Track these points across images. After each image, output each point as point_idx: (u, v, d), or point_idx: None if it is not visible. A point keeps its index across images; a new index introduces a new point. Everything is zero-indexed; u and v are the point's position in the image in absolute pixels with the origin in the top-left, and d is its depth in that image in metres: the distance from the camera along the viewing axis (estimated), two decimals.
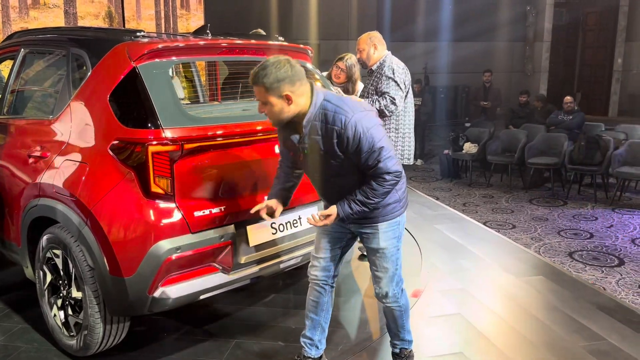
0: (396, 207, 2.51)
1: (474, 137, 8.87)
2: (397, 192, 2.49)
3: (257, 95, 2.31)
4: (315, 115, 2.31)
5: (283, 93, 2.26)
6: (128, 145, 2.49)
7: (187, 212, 2.57)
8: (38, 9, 8.33)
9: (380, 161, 2.29)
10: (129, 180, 2.48)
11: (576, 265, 5.18)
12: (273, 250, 2.93)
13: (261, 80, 2.25)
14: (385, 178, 2.32)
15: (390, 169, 2.31)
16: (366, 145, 2.27)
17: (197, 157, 2.59)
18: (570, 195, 7.72)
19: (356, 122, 2.26)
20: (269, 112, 2.33)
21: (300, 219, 3.09)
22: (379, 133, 2.31)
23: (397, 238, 2.56)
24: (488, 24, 13.31)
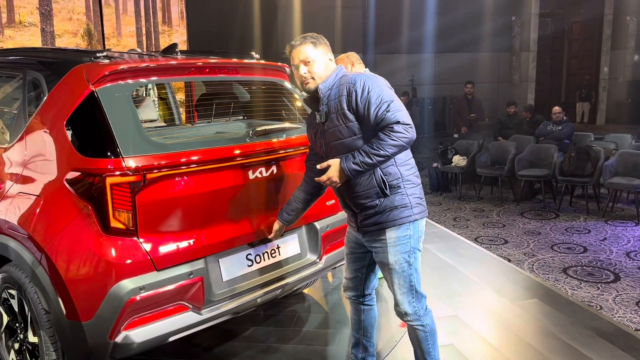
0: (404, 213, 2.39)
1: (463, 149, 8.75)
2: (406, 196, 2.39)
3: (302, 54, 2.39)
4: (334, 84, 2.38)
5: (328, 52, 2.44)
6: (85, 177, 2.27)
7: (151, 248, 2.35)
8: (13, 28, 8.11)
9: (389, 111, 2.23)
10: (85, 215, 2.26)
11: (571, 282, 5.01)
12: (249, 284, 2.72)
13: (309, 39, 2.41)
14: (393, 128, 2.22)
15: (399, 118, 2.22)
16: (374, 97, 2.24)
17: (161, 187, 2.38)
18: (562, 207, 7.58)
19: (365, 79, 2.31)
20: (313, 69, 2.38)
21: (279, 248, 2.88)
22: (389, 92, 2.29)
23: (408, 253, 2.41)
24: (474, 35, 13.29)
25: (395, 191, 2.38)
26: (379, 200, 2.38)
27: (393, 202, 2.38)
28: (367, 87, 2.27)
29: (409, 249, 2.42)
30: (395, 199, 2.38)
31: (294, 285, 2.98)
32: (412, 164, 2.45)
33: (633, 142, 8.31)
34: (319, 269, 3.05)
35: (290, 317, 3.58)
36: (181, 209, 2.45)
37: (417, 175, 2.47)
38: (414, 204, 2.41)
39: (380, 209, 2.39)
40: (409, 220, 2.40)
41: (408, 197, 2.40)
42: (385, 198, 2.38)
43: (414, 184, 2.43)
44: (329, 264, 3.13)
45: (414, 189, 2.42)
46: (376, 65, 12.74)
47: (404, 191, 2.39)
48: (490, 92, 12.98)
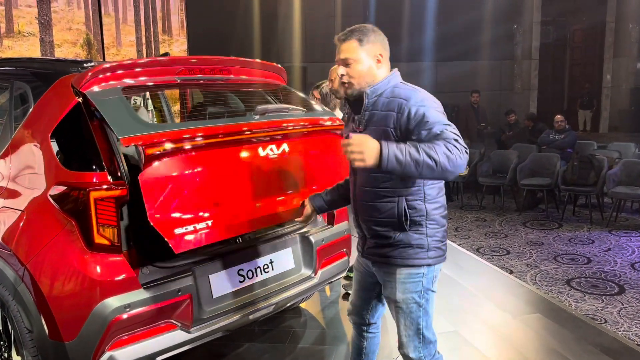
0: (418, 254, 2.11)
1: None
2: (425, 237, 2.11)
3: (343, 53, 2.11)
4: (384, 91, 2.10)
5: (377, 52, 2.12)
6: (68, 191, 2.20)
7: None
8: (12, 38, 8.09)
9: (447, 131, 1.92)
10: (69, 231, 2.18)
11: (575, 295, 4.90)
12: (241, 300, 2.63)
13: (356, 35, 2.10)
14: (451, 141, 1.89)
15: (458, 138, 1.92)
16: (432, 119, 1.94)
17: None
18: (565, 217, 7.49)
19: (423, 99, 2.01)
20: (352, 73, 2.10)
21: (272, 263, 2.80)
22: (446, 119, 1.99)
23: (418, 293, 2.15)
24: (475, 42, 13.24)
25: (414, 229, 2.11)
26: (395, 233, 2.12)
27: (409, 240, 2.11)
28: (425, 105, 1.98)
29: (420, 288, 2.15)
30: (412, 236, 2.11)
31: (289, 301, 2.90)
32: (441, 203, 2.16)
33: (637, 150, 8.22)
34: (314, 284, 2.96)
35: (286, 333, 3.48)
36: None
37: (445, 215, 2.18)
38: (432, 246, 2.13)
39: (394, 242, 2.13)
40: (421, 263, 2.13)
41: (427, 239, 2.12)
42: (402, 233, 2.11)
43: (438, 226, 2.14)
44: (325, 279, 3.04)
45: (436, 230, 2.14)
46: None
47: (424, 231, 2.11)
48: (492, 100, 12.90)
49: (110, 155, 2.25)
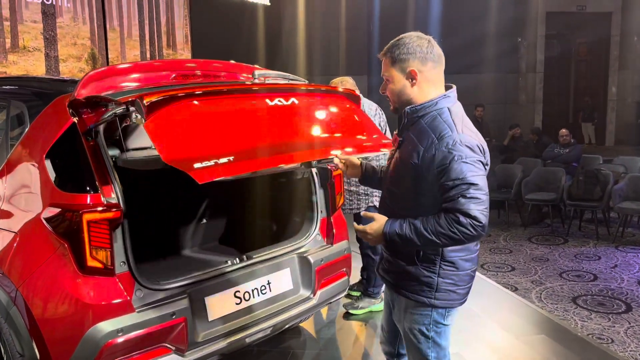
0: (423, 292, 1.97)
1: None
2: (436, 277, 1.95)
3: (382, 70, 2.01)
4: (426, 113, 1.94)
5: (409, 68, 1.94)
6: (61, 213, 2.17)
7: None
8: (17, 53, 8.13)
9: (464, 197, 1.78)
10: (61, 254, 2.15)
11: (581, 313, 4.82)
12: (237, 323, 2.58)
13: (389, 50, 1.97)
14: (458, 219, 1.78)
15: (471, 211, 1.77)
16: (454, 174, 1.80)
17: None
18: (571, 232, 7.40)
19: (455, 145, 1.83)
20: (388, 91, 2.02)
21: (270, 284, 2.75)
22: (478, 170, 1.82)
23: (426, 326, 2.01)
24: (480, 56, 13.23)
25: (426, 265, 1.97)
26: (405, 264, 2.00)
27: (417, 275, 1.97)
28: (452, 155, 1.81)
29: (428, 322, 2.01)
30: (422, 272, 1.97)
31: (287, 323, 2.85)
32: (464, 247, 1.95)
33: None
34: (312, 305, 2.91)
35: (285, 354, 3.42)
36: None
37: (468, 259, 1.99)
38: (441, 288, 1.96)
39: (403, 271, 2.01)
40: (424, 302, 1.98)
41: (437, 279, 1.96)
42: (413, 266, 1.98)
43: (455, 269, 1.96)
44: (324, 300, 2.99)
45: (452, 273, 1.96)
46: None
47: (436, 270, 1.96)
48: (497, 114, 12.86)
49: (104, 176, 2.22)
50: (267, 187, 3.35)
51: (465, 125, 1.93)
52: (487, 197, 1.84)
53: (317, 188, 3.04)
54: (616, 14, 13.97)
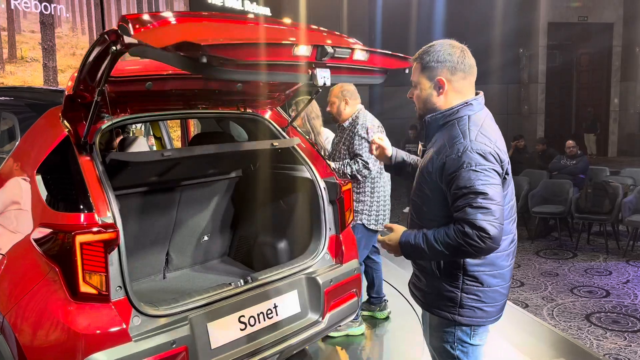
0: (449, 308, 1.89)
1: None
2: (459, 292, 1.87)
3: (412, 74, 1.98)
4: (445, 120, 1.89)
5: (437, 77, 1.89)
6: (52, 234, 2.00)
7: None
8: (15, 63, 8.00)
9: (471, 207, 1.71)
10: (51, 279, 1.98)
11: (595, 332, 4.64)
12: (242, 350, 2.40)
13: (420, 56, 1.93)
14: (464, 230, 1.71)
15: (477, 222, 1.69)
16: (462, 182, 1.74)
17: None
18: (580, 246, 7.22)
19: (467, 148, 1.77)
20: (415, 98, 1.96)
21: (276, 307, 2.58)
22: (488, 179, 1.73)
23: (450, 344, 1.94)
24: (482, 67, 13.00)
25: (448, 280, 1.89)
26: (428, 278, 1.95)
27: (440, 290, 1.90)
28: (462, 163, 1.75)
29: (452, 340, 1.93)
30: (444, 287, 1.90)
31: (294, 349, 2.66)
32: (489, 260, 1.86)
33: None
34: (321, 329, 2.73)
35: None
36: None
37: (495, 275, 1.89)
38: (465, 304, 1.87)
39: (426, 286, 1.96)
40: (448, 317, 1.90)
41: (460, 294, 1.87)
42: (436, 280, 1.92)
43: (479, 284, 1.87)
44: (333, 323, 2.81)
45: (477, 289, 1.87)
46: (384, 98, 12.56)
47: (459, 285, 1.88)
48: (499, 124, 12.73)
49: (99, 193, 2.06)
50: (273, 203, 3.19)
51: (483, 132, 1.84)
52: (500, 208, 1.73)
53: (326, 204, 2.88)
54: (618, 24, 13.95)
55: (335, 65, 2.16)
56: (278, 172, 3.08)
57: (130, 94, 2.31)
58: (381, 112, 12.98)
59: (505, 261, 1.91)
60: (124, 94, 2.27)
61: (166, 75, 2.30)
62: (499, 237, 1.72)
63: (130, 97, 2.35)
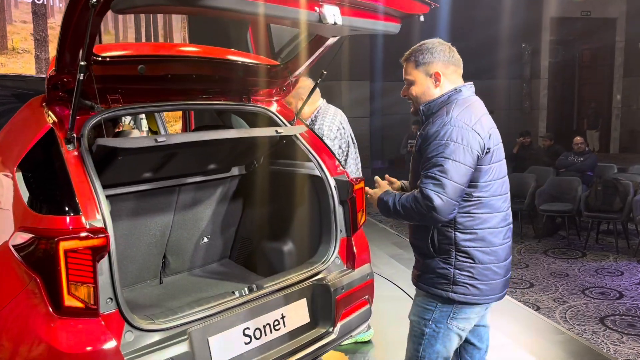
0: (443, 285, 2.00)
1: None
2: (452, 269, 1.99)
3: (405, 73, 2.11)
4: (438, 107, 2.04)
5: (432, 70, 2.05)
6: (34, 240, 1.76)
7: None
8: (5, 55, 7.73)
9: (427, 176, 1.89)
10: (32, 291, 1.74)
11: (611, 336, 4.44)
12: None
13: (413, 56, 2.08)
14: (416, 195, 1.91)
15: (426, 190, 1.87)
16: (429, 152, 1.93)
17: None
18: (588, 245, 7.03)
19: (446, 124, 1.94)
20: (410, 94, 2.10)
21: (284, 318, 2.35)
22: (453, 154, 1.88)
23: (425, 321, 2.06)
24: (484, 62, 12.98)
25: (442, 257, 2.01)
26: (424, 258, 2.07)
27: (434, 267, 2.02)
28: (437, 135, 1.92)
29: (429, 317, 2.05)
30: (438, 264, 2.01)
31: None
32: (479, 235, 1.98)
33: None
34: (332, 340, 2.51)
35: None
36: None
37: (487, 252, 1.99)
38: (458, 281, 1.98)
39: (422, 266, 2.08)
40: (441, 295, 2.01)
41: (454, 270, 1.98)
42: (431, 259, 2.03)
43: (472, 261, 1.98)
44: (344, 333, 2.59)
45: (469, 266, 1.98)
46: (385, 93, 12.38)
47: (452, 262, 1.98)
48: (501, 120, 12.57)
49: (88, 194, 1.82)
50: (278, 202, 2.95)
51: (468, 110, 1.98)
52: (453, 184, 1.86)
53: (336, 204, 2.64)
54: (621, 20, 13.83)
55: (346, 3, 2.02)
56: (284, 169, 2.85)
57: (121, 79, 2.07)
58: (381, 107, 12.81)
59: (497, 238, 2.01)
60: (113, 79, 2.04)
61: (160, 57, 2.07)
62: (444, 210, 1.85)
63: (121, 83, 2.11)
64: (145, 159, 2.29)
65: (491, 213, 1.99)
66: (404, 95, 2.14)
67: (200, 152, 2.51)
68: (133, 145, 2.01)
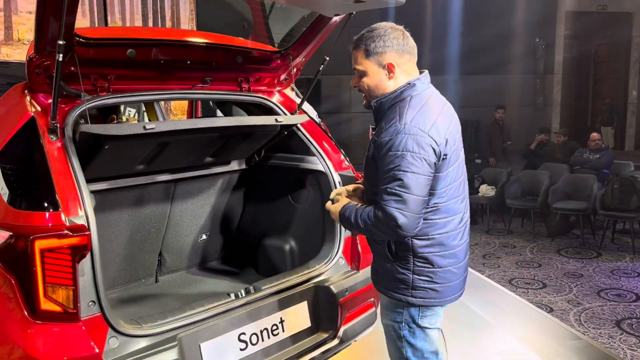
0: (399, 290, 1.94)
1: (490, 178, 8.08)
2: (410, 274, 1.91)
3: (354, 62, 1.92)
4: (391, 103, 1.88)
5: (385, 61, 1.87)
6: (10, 238, 1.62)
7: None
8: (11, 46, 7.65)
9: (387, 192, 1.76)
10: (6, 294, 1.61)
11: (628, 340, 4.26)
12: None
13: (363, 43, 1.88)
14: (377, 214, 1.79)
15: (388, 208, 1.74)
16: (386, 164, 1.77)
17: None
18: (604, 245, 6.83)
19: (400, 132, 1.78)
20: (361, 85, 1.93)
21: (283, 322, 2.20)
22: (410, 166, 1.74)
23: (399, 324, 2.00)
24: (496, 57, 12.78)
25: (400, 263, 1.93)
26: (383, 261, 1.98)
27: (393, 272, 1.95)
28: (391, 145, 1.77)
29: (400, 319, 1.99)
30: (397, 269, 1.93)
31: None
32: (437, 241, 1.90)
33: None
34: (335, 345, 2.36)
35: None
36: None
37: (446, 255, 1.92)
38: (417, 285, 1.91)
39: (382, 269, 2.00)
40: (401, 299, 1.95)
41: (412, 276, 1.91)
42: (390, 263, 1.95)
43: (431, 266, 1.91)
44: (349, 337, 2.44)
45: (428, 270, 1.91)
46: None
47: (410, 267, 1.90)
48: (513, 116, 12.38)
49: (69, 188, 1.68)
50: (280, 198, 2.80)
51: (422, 113, 1.83)
52: (415, 198, 1.75)
53: None
54: (637, 14, 13.58)
55: None
56: (286, 163, 2.70)
57: (110, 64, 1.93)
58: None
59: (455, 240, 1.94)
60: (101, 64, 1.90)
61: (151, 41, 1.92)
62: (409, 226, 1.75)
63: (110, 69, 1.97)
64: (136, 149, 2.16)
65: (448, 217, 1.91)
66: (355, 86, 1.98)
67: (195, 142, 2.36)
68: (120, 132, 1.86)
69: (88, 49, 1.84)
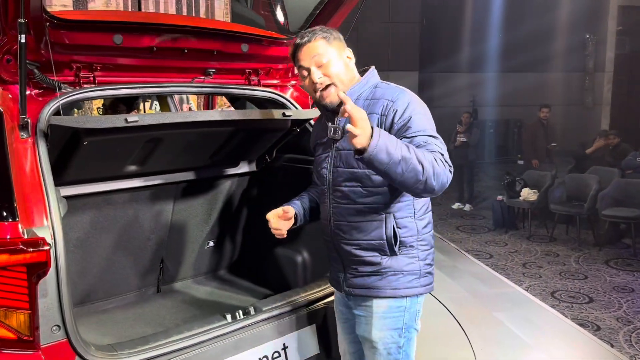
0: (412, 282, 1.86)
1: (533, 181, 7.64)
2: (417, 261, 1.86)
3: (312, 53, 1.82)
4: (362, 92, 1.87)
5: (345, 50, 1.91)
6: None
7: None
8: None
9: (432, 144, 1.70)
10: None
11: None
12: None
13: (320, 33, 1.85)
14: (436, 155, 1.67)
15: (445, 154, 1.71)
16: (417, 123, 1.74)
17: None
18: None
19: (411, 101, 1.79)
20: (329, 72, 1.82)
21: (286, 349, 1.94)
22: (433, 128, 1.78)
23: (398, 331, 1.87)
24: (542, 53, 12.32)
25: (405, 251, 1.85)
26: (382, 259, 1.85)
27: (400, 265, 1.84)
28: (413, 108, 1.77)
29: (401, 325, 1.87)
30: (403, 261, 1.84)
31: None
32: (429, 219, 1.93)
33: None
34: None
35: None
36: None
37: (433, 235, 1.96)
38: (424, 272, 1.88)
39: (382, 269, 1.85)
40: (412, 293, 1.87)
41: (419, 262, 1.86)
42: (392, 258, 1.84)
43: (428, 246, 1.91)
44: None
45: (427, 252, 1.90)
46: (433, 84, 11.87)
47: (416, 253, 1.86)
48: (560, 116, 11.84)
49: (35, 194, 1.46)
50: None
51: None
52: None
53: None
54: None
55: None
56: (299, 165, 2.43)
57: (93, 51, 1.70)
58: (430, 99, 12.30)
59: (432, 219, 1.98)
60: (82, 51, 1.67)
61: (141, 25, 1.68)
62: (448, 181, 1.72)
63: (95, 57, 1.74)
64: (122, 147, 1.92)
65: None
66: (319, 79, 1.83)
67: (193, 140, 2.12)
68: (97, 126, 1.63)
69: (66, 33, 1.61)
